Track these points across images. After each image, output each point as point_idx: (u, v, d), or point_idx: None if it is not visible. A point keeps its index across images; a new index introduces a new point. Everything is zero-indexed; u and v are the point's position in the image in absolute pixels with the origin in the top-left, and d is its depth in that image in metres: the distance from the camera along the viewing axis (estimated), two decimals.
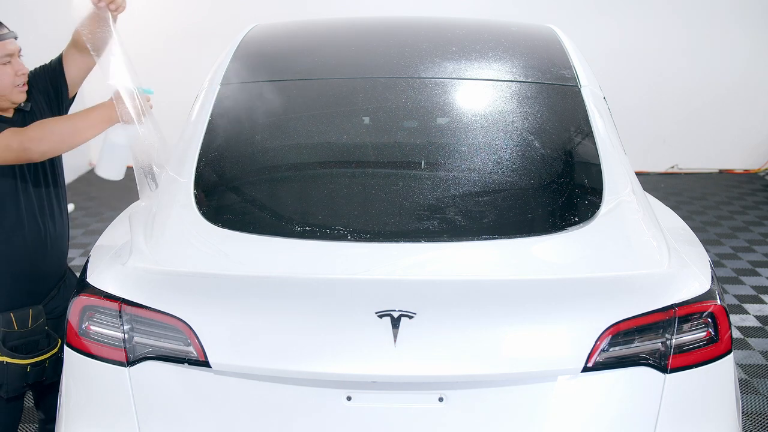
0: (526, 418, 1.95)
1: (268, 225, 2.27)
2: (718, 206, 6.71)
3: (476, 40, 3.03)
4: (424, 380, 1.92)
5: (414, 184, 2.39)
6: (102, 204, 6.61)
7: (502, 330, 1.94)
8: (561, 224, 2.24)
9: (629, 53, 7.58)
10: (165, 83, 7.57)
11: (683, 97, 7.73)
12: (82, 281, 2.18)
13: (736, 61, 7.65)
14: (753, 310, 4.55)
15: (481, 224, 2.25)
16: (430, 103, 2.66)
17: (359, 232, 2.18)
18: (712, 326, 2.04)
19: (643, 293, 2.00)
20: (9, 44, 2.41)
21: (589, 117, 2.58)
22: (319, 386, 1.94)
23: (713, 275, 2.21)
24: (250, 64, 2.88)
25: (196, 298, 1.99)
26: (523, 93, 2.69)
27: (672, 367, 1.98)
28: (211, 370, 1.95)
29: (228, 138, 2.57)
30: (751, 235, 5.92)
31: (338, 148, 2.64)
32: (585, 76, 2.78)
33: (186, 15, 7.50)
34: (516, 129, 2.55)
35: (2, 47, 2.38)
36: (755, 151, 7.92)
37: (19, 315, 2.47)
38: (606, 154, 2.44)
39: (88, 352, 2.06)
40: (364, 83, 2.78)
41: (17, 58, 2.45)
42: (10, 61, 2.41)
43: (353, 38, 3.16)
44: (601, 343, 1.93)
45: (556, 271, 2.08)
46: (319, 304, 1.96)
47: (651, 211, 2.40)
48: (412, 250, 2.11)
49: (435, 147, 2.56)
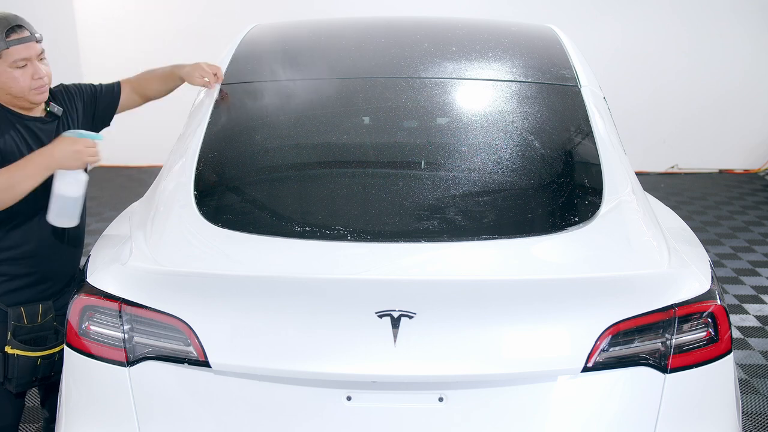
0: (526, 418, 1.95)
1: (268, 225, 2.27)
2: (718, 206, 6.71)
3: (476, 40, 3.03)
4: (424, 380, 1.91)
5: (414, 184, 2.39)
6: (102, 204, 6.61)
7: (502, 330, 1.94)
8: (561, 224, 2.24)
9: (629, 53, 7.58)
10: None
11: (683, 97, 7.73)
12: (81, 281, 2.18)
13: (736, 62, 7.65)
14: (753, 310, 4.55)
15: (481, 224, 2.25)
16: (430, 103, 2.66)
17: (359, 232, 2.18)
18: (712, 326, 2.04)
19: (643, 293, 2.00)
20: (29, 48, 2.36)
21: (589, 117, 2.58)
22: (319, 386, 1.94)
23: (713, 275, 2.21)
24: (250, 64, 2.88)
25: (196, 298, 1.99)
26: (523, 93, 2.69)
27: (672, 367, 1.98)
28: (211, 370, 1.95)
29: (228, 138, 2.57)
30: (751, 235, 5.92)
31: (338, 148, 2.64)
32: (585, 76, 2.78)
33: (186, 15, 7.49)
34: (516, 129, 2.55)
35: (20, 51, 2.34)
36: (755, 151, 7.92)
37: (29, 310, 2.48)
38: (606, 154, 2.44)
39: (88, 352, 2.06)
40: (364, 83, 2.78)
41: (37, 61, 2.39)
42: (27, 65, 2.36)
43: (353, 38, 3.15)
44: (601, 343, 1.93)
45: (556, 271, 2.08)
46: (319, 304, 1.96)
47: (651, 211, 2.40)
48: (412, 250, 2.10)
49: (435, 147, 2.56)
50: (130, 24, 7.50)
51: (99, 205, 6.59)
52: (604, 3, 7.54)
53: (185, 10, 7.48)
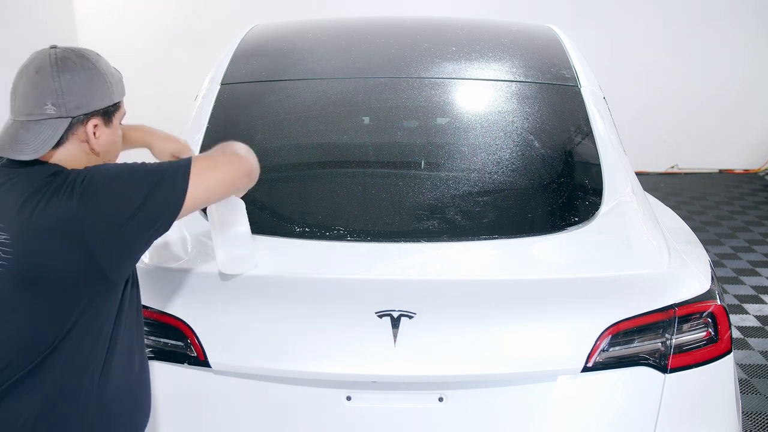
0: (526, 418, 1.95)
1: (267, 225, 2.27)
2: (718, 206, 6.70)
3: (476, 40, 3.03)
4: (423, 380, 1.91)
5: (414, 184, 2.39)
6: None
7: (502, 330, 1.94)
8: (561, 224, 2.24)
9: (629, 53, 7.58)
10: (164, 83, 7.58)
11: (683, 97, 7.72)
12: None
13: (736, 62, 7.65)
14: (753, 310, 4.55)
15: (481, 224, 2.25)
16: (430, 103, 2.66)
17: (359, 232, 2.18)
18: (712, 326, 2.04)
19: (643, 293, 2.00)
20: None
21: (589, 117, 2.58)
22: (318, 386, 1.94)
23: (713, 275, 2.21)
24: (250, 64, 2.88)
25: (196, 298, 1.99)
26: (523, 93, 2.69)
27: (672, 367, 1.98)
28: (211, 370, 1.95)
29: (228, 138, 2.56)
30: (751, 235, 5.92)
31: (338, 148, 2.64)
32: (585, 76, 2.78)
33: (186, 15, 7.49)
34: (516, 129, 2.55)
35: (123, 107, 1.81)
36: (755, 151, 7.91)
37: None
38: (606, 154, 2.44)
39: None
40: (364, 83, 2.78)
41: None
42: None
43: (353, 38, 3.15)
44: (601, 343, 1.93)
45: (556, 271, 2.08)
46: (319, 304, 1.96)
47: (651, 211, 2.40)
48: (412, 250, 2.10)
49: (435, 147, 2.56)
50: (129, 24, 7.50)
51: None
52: (604, 3, 7.54)
53: (185, 11, 7.48)
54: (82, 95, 1.65)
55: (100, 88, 1.68)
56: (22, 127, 1.63)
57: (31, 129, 1.63)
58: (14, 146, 1.63)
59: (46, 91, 1.63)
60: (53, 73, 1.63)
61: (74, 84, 1.64)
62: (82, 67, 1.66)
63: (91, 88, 1.67)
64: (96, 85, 1.68)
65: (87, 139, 1.69)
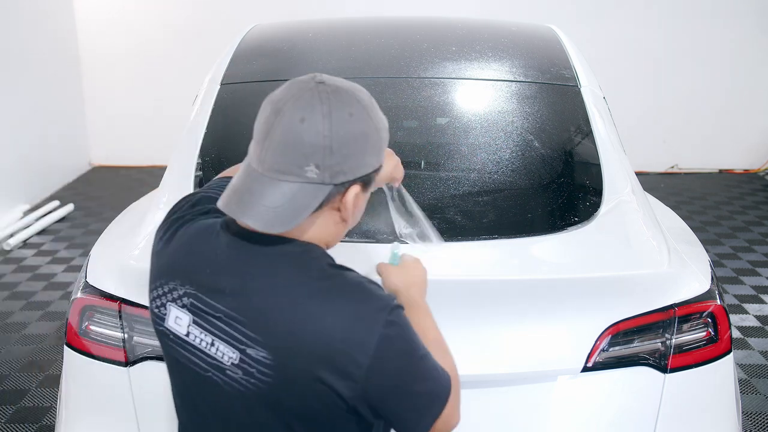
0: (526, 418, 1.95)
1: None
2: (718, 206, 6.70)
3: (476, 40, 3.03)
4: None
5: (414, 183, 2.39)
6: (102, 204, 6.61)
7: (501, 330, 1.93)
8: (561, 224, 2.24)
9: (629, 53, 7.58)
10: (164, 83, 7.57)
11: (683, 97, 7.72)
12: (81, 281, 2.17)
13: (736, 62, 7.64)
14: (753, 310, 4.55)
15: (481, 224, 2.25)
16: (430, 103, 2.66)
17: (359, 232, 2.18)
18: (712, 326, 2.04)
19: (643, 293, 2.00)
20: None
21: (589, 117, 2.58)
22: None
23: (713, 275, 2.21)
24: (250, 64, 2.88)
25: None
26: (523, 93, 2.69)
27: (672, 367, 1.98)
28: None
29: (228, 138, 2.56)
30: (751, 235, 5.92)
31: None
32: (585, 76, 2.78)
33: (186, 15, 7.49)
34: (516, 129, 2.55)
35: None
36: (755, 151, 7.91)
37: None
38: (606, 154, 2.44)
39: (87, 352, 2.06)
40: (364, 83, 2.77)
41: None
42: None
43: (353, 38, 3.15)
44: (601, 343, 1.93)
45: (556, 270, 2.08)
46: None
47: (651, 211, 2.40)
48: (411, 250, 2.10)
49: (435, 147, 2.56)
50: (129, 24, 7.50)
51: (99, 205, 6.59)
52: (605, 3, 7.53)
53: (185, 11, 7.48)
54: (351, 157, 1.27)
55: (373, 146, 1.30)
56: (270, 184, 1.26)
57: (284, 192, 1.25)
58: (256, 210, 1.25)
59: (312, 150, 1.25)
60: (324, 123, 1.25)
61: (346, 143, 1.26)
62: (358, 118, 1.28)
63: (364, 148, 1.29)
64: (370, 143, 1.29)
65: (341, 207, 1.34)
